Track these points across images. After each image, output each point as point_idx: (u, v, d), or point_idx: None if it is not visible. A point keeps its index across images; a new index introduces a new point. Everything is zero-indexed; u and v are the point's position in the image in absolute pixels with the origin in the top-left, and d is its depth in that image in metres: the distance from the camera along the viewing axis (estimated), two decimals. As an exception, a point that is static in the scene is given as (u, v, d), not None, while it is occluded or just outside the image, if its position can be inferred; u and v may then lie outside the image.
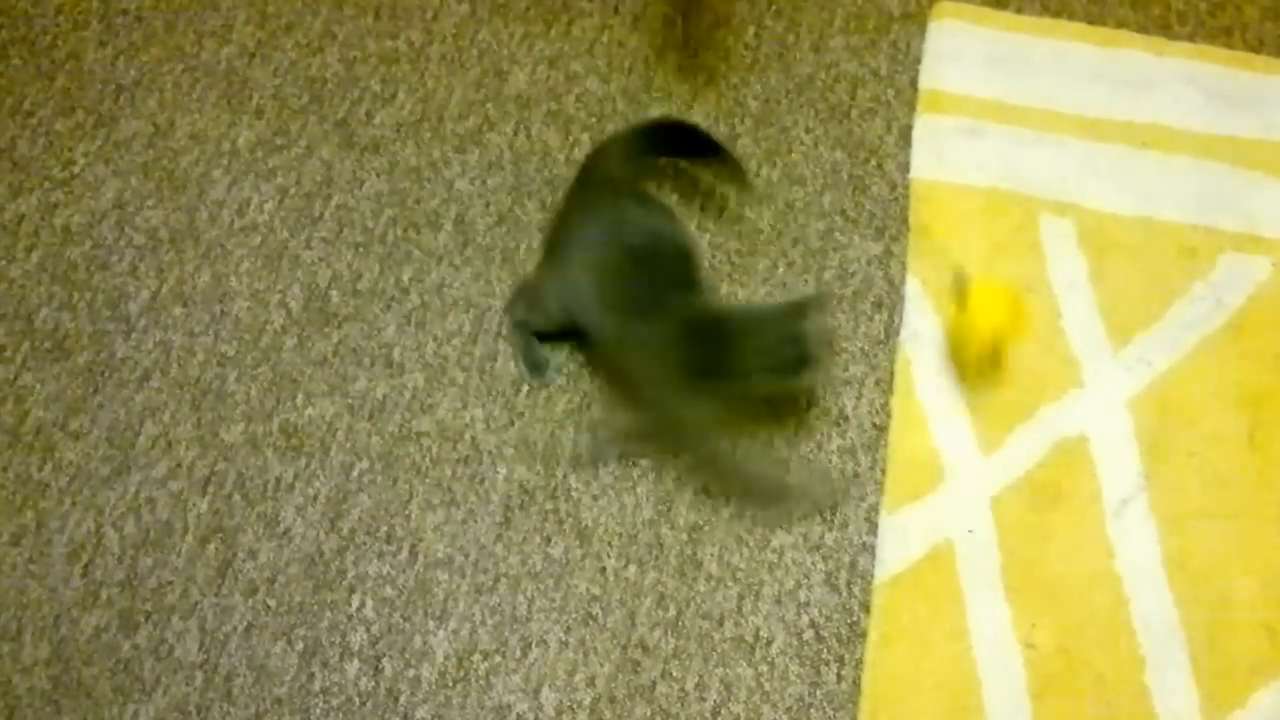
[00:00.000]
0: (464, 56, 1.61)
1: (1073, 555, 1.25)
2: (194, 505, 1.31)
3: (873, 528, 1.28)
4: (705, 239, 1.47)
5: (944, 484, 1.29)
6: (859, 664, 1.21)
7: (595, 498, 1.31)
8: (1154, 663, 1.19)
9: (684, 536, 1.28)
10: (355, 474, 1.32)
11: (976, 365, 1.33)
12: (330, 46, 1.62)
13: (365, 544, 1.29)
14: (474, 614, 1.25)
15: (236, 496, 1.31)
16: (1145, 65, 1.57)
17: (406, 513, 1.30)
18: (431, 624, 1.24)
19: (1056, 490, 1.28)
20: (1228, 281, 1.40)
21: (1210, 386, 1.34)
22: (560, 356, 1.38)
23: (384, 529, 1.29)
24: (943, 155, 1.52)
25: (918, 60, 1.60)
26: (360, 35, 1.63)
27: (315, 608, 1.25)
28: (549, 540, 1.28)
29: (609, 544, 1.28)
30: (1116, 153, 1.50)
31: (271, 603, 1.26)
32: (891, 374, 1.37)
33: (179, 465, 1.33)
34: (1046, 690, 1.18)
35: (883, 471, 1.31)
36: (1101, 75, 1.57)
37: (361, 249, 1.47)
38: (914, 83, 1.58)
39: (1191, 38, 1.60)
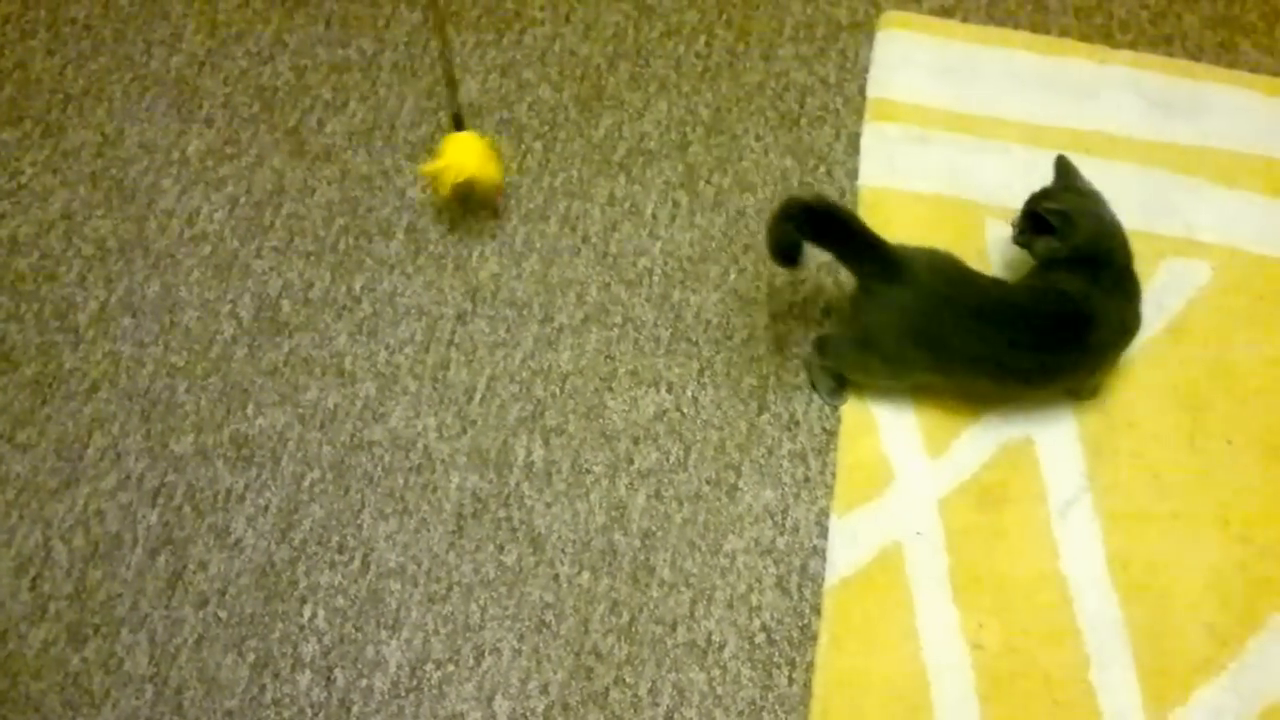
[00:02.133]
0: (416, 65, 1.61)
1: (1019, 556, 1.27)
2: (143, 517, 1.30)
3: (823, 531, 1.29)
4: (657, 246, 1.48)
5: (892, 487, 1.31)
6: (810, 666, 1.22)
7: (548, 505, 1.31)
8: (1098, 661, 1.21)
9: (637, 543, 1.29)
10: (306, 484, 1.32)
11: (449, 197, 1.43)
12: (281, 55, 1.62)
13: (317, 554, 1.28)
14: (427, 623, 1.25)
15: (186, 508, 1.31)
16: (1088, 73, 1.60)
17: (358, 522, 1.30)
18: (384, 634, 1.24)
19: (1003, 492, 1.30)
20: (1168, 286, 1.43)
21: (1151, 389, 1.36)
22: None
23: (336, 539, 1.29)
24: (890, 162, 1.54)
25: (865, 69, 1.62)
26: (311, 44, 1.63)
27: (266, 619, 1.25)
28: (502, 548, 1.29)
29: (562, 551, 1.29)
30: (1061, 159, 1.53)
31: (222, 614, 1.25)
32: (841, 379, 1.38)
33: (128, 477, 1.32)
34: (994, 690, 1.20)
35: (833, 475, 1.32)
36: (1045, 83, 1.60)
37: (313, 258, 1.46)
38: (862, 91, 1.60)
39: (1133, 46, 1.63)
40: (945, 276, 1.26)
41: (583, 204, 1.51)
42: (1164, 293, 1.43)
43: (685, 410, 1.37)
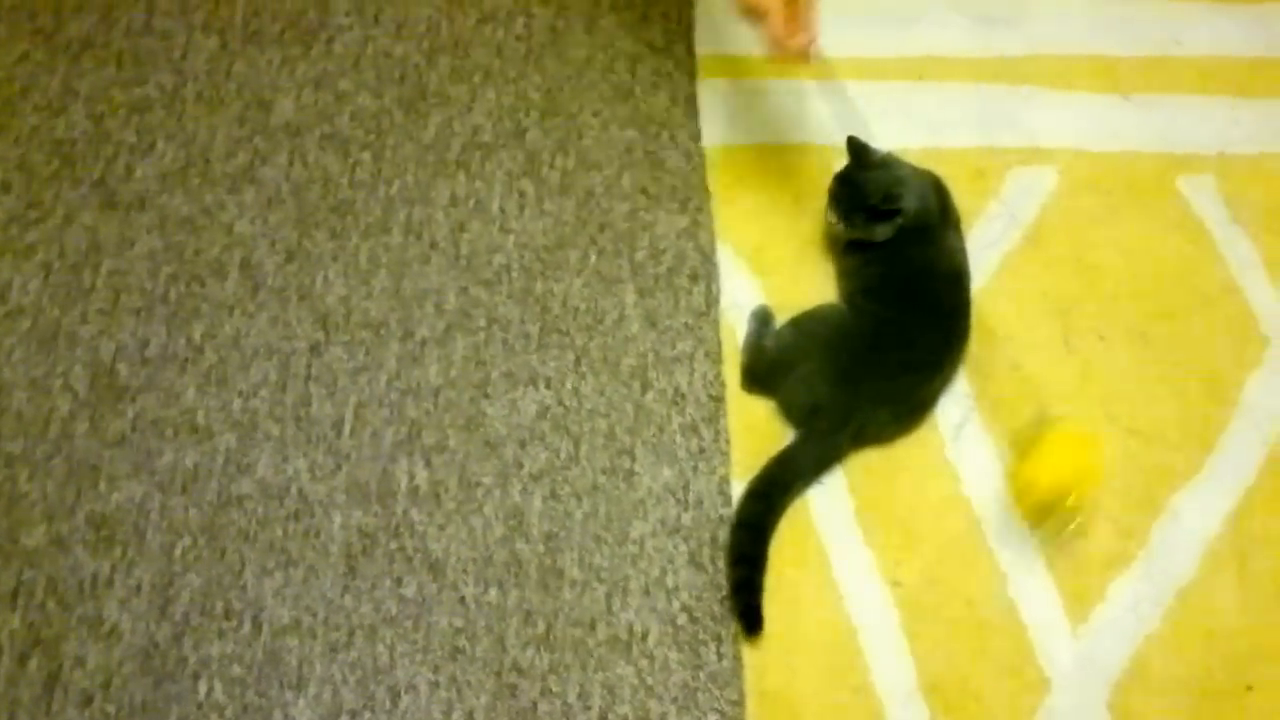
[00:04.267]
0: (221, 92, 1.52)
1: (920, 487, 1.26)
2: (4, 622, 1.19)
3: (727, 499, 1.26)
4: (510, 240, 1.43)
5: (787, 442, 1.28)
6: (737, 638, 1.19)
7: (441, 527, 1.25)
8: (1014, 575, 1.21)
9: (540, 548, 1.24)
10: (178, 554, 1.23)
11: (1037, 515, 1.21)
12: (74, 104, 1.51)
13: (202, 625, 1.20)
14: (333, 674, 1.18)
15: (50, 603, 1.20)
16: (908, -1, 1.61)
17: (241, 583, 1.22)
18: (289, 695, 1.17)
19: (895, 427, 1.30)
20: (1018, 196, 1.44)
21: (1020, 300, 1.37)
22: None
23: (220, 605, 1.21)
24: (731, 118, 1.52)
25: (690, 27, 1.59)
26: (105, 87, 1.53)
27: (160, 704, 1.16)
28: (400, 581, 1.22)
29: (464, 572, 1.23)
30: (896, 89, 1.53)
31: (110, 709, 1.16)
32: (719, 343, 1.35)
33: (-21, 582, 1.21)
34: (920, 623, 1.19)
35: (727, 441, 1.29)
36: (869, 15, 1.60)
37: (144, 313, 1.37)
38: (690, 50, 1.57)
39: (946, -35, 1.64)
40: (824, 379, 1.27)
41: (424, 209, 1.45)
42: (1016, 203, 1.44)
43: (568, 403, 1.32)
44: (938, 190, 1.37)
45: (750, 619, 1.18)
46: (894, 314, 1.29)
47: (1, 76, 1.53)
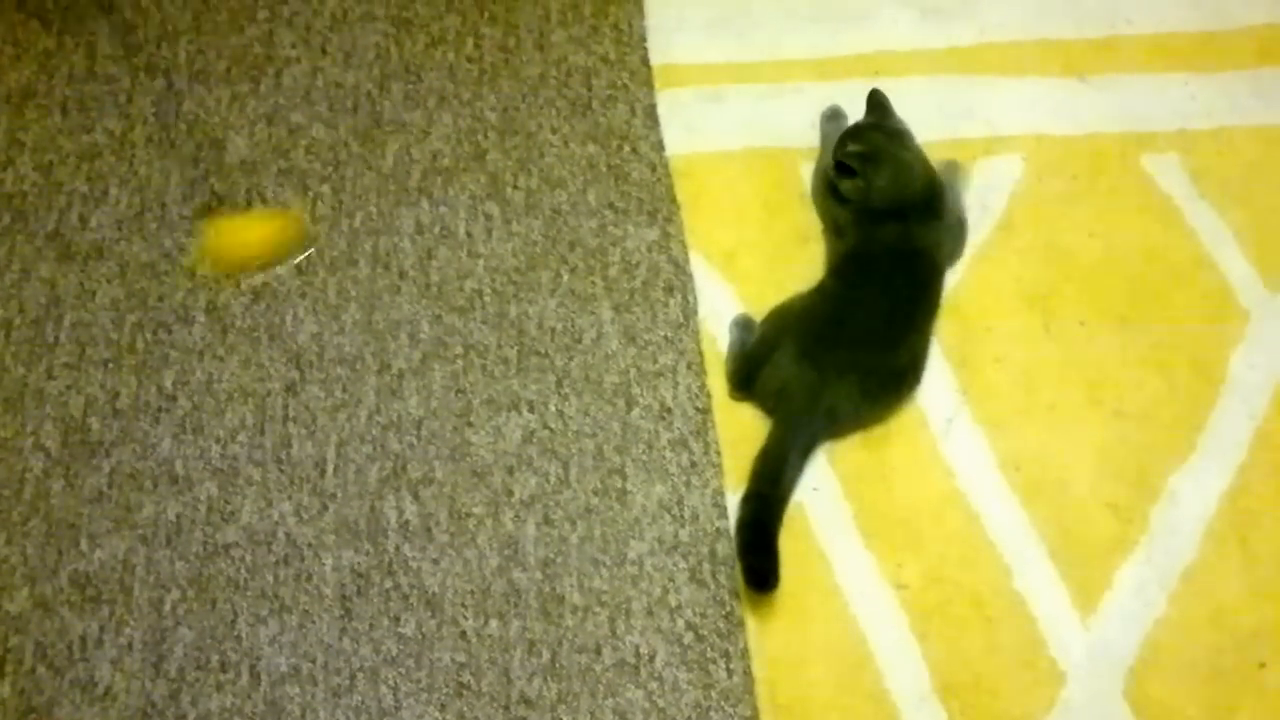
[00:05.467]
0: (172, 134, 1.49)
1: (916, 486, 1.26)
2: (-9, 695, 1.16)
3: (722, 511, 1.25)
4: (480, 264, 1.41)
5: (777, 448, 1.28)
6: (745, 653, 1.18)
7: (435, 561, 1.23)
8: (1019, 569, 1.21)
9: (538, 575, 1.22)
10: (167, 608, 1.20)
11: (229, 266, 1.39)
12: (20, 155, 1.47)
13: (198, 680, 1.17)
14: (338, 721, 1.15)
15: (41, 669, 1.17)
16: (857, -4, 1.61)
17: (235, 634, 1.19)
18: (294, 746, 1.14)
19: (885, 427, 1.29)
20: (986, 186, 1.45)
21: (997, 290, 1.37)
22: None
23: (215, 658, 1.18)
24: (692, 126, 1.51)
25: (644, 38, 1.58)
26: (51, 136, 1.49)
27: (160, 767, 1.13)
28: (398, 619, 1.20)
29: (462, 605, 1.21)
30: (853, 88, 1.52)
31: (108, 777, 1.12)
32: (700, 355, 1.34)
33: (-39, 656, 1.17)
34: (928, 624, 1.18)
35: (717, 453, 1.28)
36: (820, 15, 1.60)
37: (111, 365, 1.33)
38: (645, 61, 1.56)
39: (894, -41, 1.64)
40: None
41: (390, 239, 1.42)
42: (984, 194, 1.44)
43: (553, 426, 1.30)
44: (933, 181, 1.38)
45: (760, 576, 1.18)
46: (857, 290, 1.30)
47: (-59, 131, 1.49)
